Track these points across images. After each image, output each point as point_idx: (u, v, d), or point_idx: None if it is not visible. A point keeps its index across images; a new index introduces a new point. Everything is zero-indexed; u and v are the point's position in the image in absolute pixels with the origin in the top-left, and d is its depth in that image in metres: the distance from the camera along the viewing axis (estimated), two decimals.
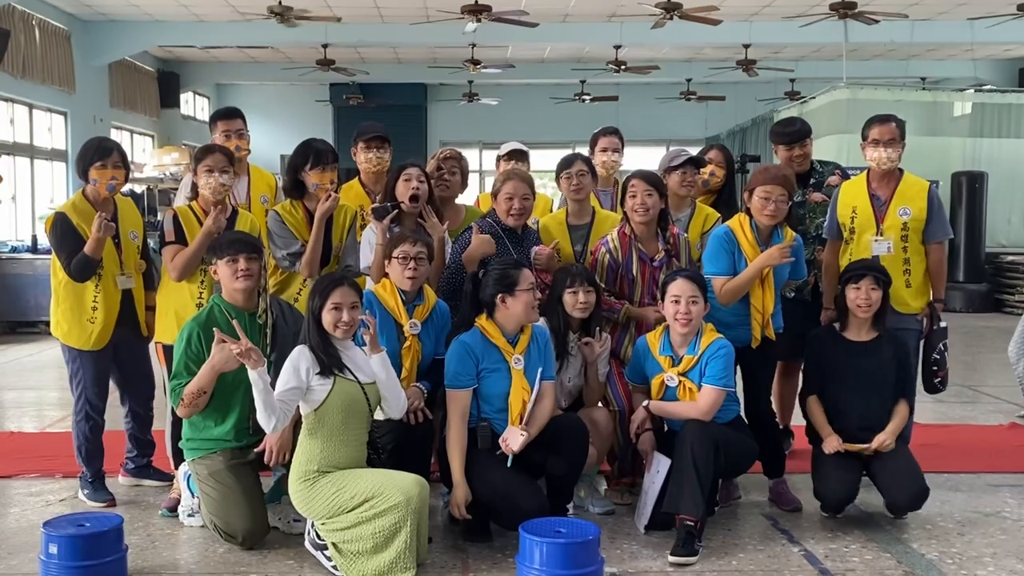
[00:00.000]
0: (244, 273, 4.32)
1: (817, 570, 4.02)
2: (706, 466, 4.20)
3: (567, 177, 5.03)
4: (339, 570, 3.92)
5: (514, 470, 4.15)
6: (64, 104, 15.58)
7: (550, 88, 22.88)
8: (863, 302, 4.63)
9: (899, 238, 5.00)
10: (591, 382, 4.66)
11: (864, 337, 4.72)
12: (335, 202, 4.85)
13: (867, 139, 5.04)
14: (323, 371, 4.01)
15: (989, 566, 4.08)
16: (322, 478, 3.96)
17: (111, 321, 4.84)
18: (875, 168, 5.05)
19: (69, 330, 4.86)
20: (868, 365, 4.65)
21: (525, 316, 4.33)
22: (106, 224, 4.66)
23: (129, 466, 5.17)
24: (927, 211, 5.01)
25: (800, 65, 20.56)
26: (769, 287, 4.68)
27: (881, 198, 5.05)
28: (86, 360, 4.88)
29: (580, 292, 4.54)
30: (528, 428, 4.19)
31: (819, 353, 4.80)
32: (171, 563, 4.16)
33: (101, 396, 4.97)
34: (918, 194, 5.04)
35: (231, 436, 4.36)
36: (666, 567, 4.04)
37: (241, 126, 5.36)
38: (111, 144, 4.92)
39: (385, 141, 5.38)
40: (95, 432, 4.99)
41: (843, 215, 5.11)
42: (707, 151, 5.58)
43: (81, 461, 5.00)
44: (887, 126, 5.01)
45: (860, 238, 5.04)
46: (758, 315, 4.69)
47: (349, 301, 4.04)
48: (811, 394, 4.77)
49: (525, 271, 4.35)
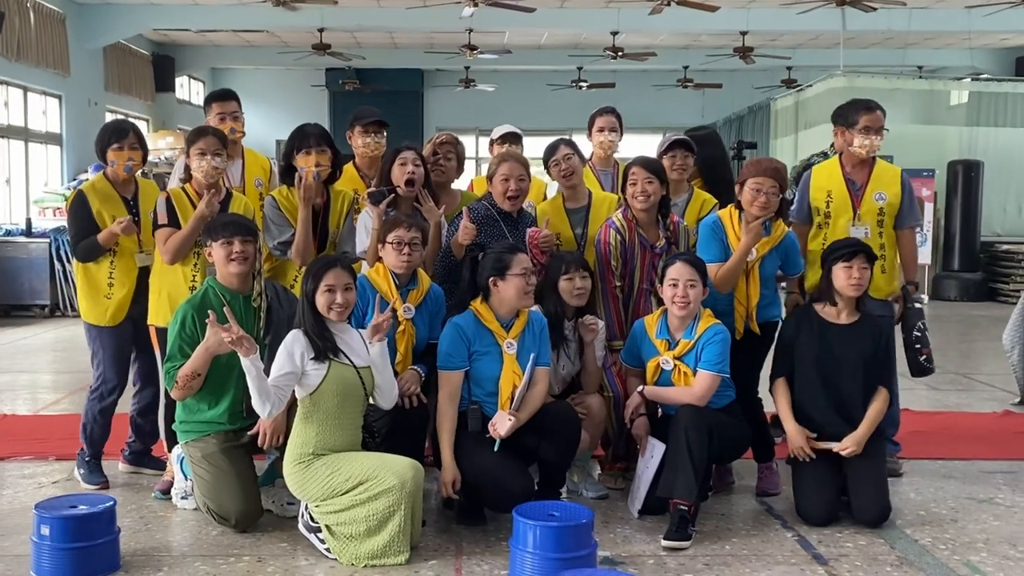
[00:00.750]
0: (239, 256, 4.30)
1: (810, 555, 4.02)
2: (700, 451, 4.20)
3: (555, 164, 5.00)
4: (332, 553, 3.92)
5: (503, 453, 4.15)
6: (59, 87, 15.49)
7: (547, 75, 22.83)
8: (856, 281, 4.50)
9: (875, 223, 5.04)
10: (589, 365, 4.65)
11: (846, 320, 4.60)
12: (311, 190, 4.73)
13: (856, 125, 5.03)
14: (318, 355, 4.00)
15: (982, 551, 4.09)
16: (317, 461, 3.96)
17: (127, 297, 4.88)
18: (862, 154, 5.05)
19: (88, 308, 4.92)
20: (850, 349, 4.54)
21: (517, 301, 4.32)
22: (129, 227, 4.75)
23: (127, 453, 5.15)
24: (900, 196, 5.04)
25: (797, 53, 20.52)
26: (754, 280, 4.66)
27: (857, 183, 5.07)
28: (104, 337, 4.91)
29: (576, 278, 4.53)
30: (518, 413, 4.18)
31: (796, 334, 4.65)
32: (164, 545, 4.15)
33: (120, 376, 4.99)
34: (892, 179, 5.09)
35: (225, 419, 4.35)
36: (659, 551, 4.04)
37: (236, 108, 5.33)
38: (127, 126, 4.97)
39: (383, 126, 5.34)
40: (104, 415, 4.99)
41: (817, 199, 5.10)
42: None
43: (84, 440, 5.00)
44: (876, 114, 5.05)
45: (836, 222, 5.04)
46: (741, 308, 4.68)
47: (343, 283, 4.02)
48: (780, 376, 4.63)
49: (519, 256, 4.34)
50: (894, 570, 3.86)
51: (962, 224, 14.59)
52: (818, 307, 4.66)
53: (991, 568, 3.90)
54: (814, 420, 4.54)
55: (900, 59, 20.64)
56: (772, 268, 4.77)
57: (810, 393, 4.57)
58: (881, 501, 4.35)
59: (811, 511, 4.37)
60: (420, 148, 5.05)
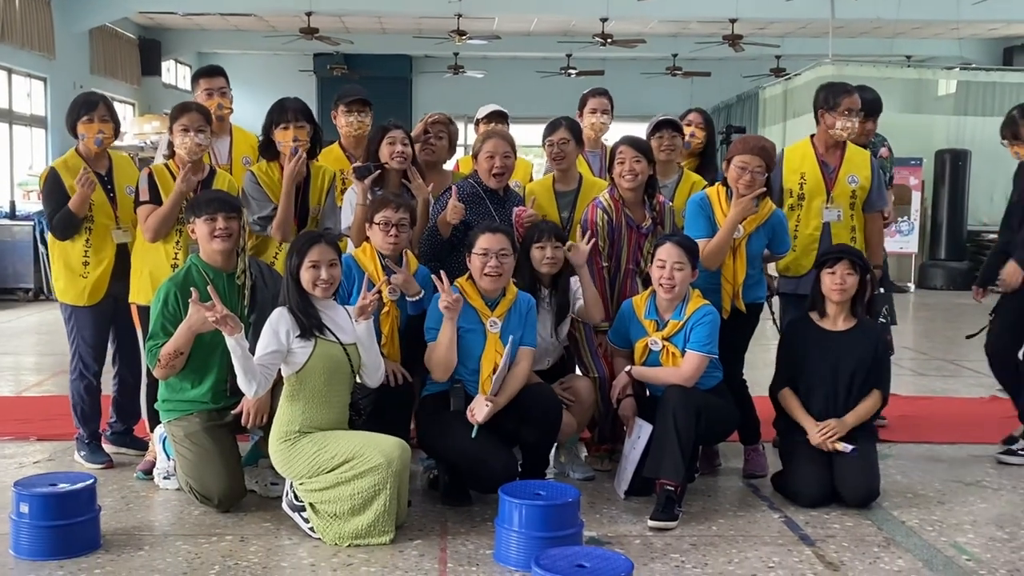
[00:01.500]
0: (222, 232, 4.25)
1: (797, 536, 4.00)
2: (688, 431, 4.17)
3: (549, 145, 4.96)
4: (316, 532, 3.88)
5: (485, 434, 4.11)
6: (44, 70, 15.37)
7: (536, 62, 22.75)
8: (838, 286, 4.50)
9: (847, 206, 5.05)
10: (587, 293, 4.56)
11: (841, 327, 4.59)
12: (301, 164, 4.70)
13: (837, 108, 5.02)
14: (303, 333, 3.95)
15: (969, 533, 4.08)
16: (303, 438, 3.91)
17: (105, 276, 4.79)
18: (843, 136, 5.05)
19: (64, 287, 4.83)
20: (843, 358, 4.52)
21: (477, 279, 4.26)
22: (87, 180, 4.59)
23: (108, 433, 5.10)
24: (871, 180, 5.07)
25: (786, 42, 20.51)
26: (741, 258, 4.63)
27: (830, 165, 5.08)
28: (80, 317, 4.83)
29: (548, 248, 4.49)
30: (496, 398, 4.13)
31: (793, 343, 4.68)
32: (145, 524, 4.11)
33: (96, 356, 4.91)
34: (863, 162, 5.12)
35: (208, 398, 4.30)
36: (646, 532, 4.01)
37: (223, 84, 5.26)
38: (97, 97, 4.86)
39: (366, 105, 5.29)
40: (90, 392, 4.93)
41: (790, 181, 5.09)
42: (686, 114, 5.52)
43: (77, 422, 4.94)
44: (855, 97, 5.07)
45: (810, 204, 5.04)
46: (728, 286, 4.65)
47: (327, 259, 3.97)
48: (783, 386, 4.63)
49: (486, 236, 4.26)
50: (881, 551, 3.84)
51: (949, 213, 14.62)
52: (814, 316, 4.66)
53: (978, 549, 3.89)
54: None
55: (888, 49, 20.63)
56: (759, 247, 4.74)
57: (808, 400, 4.55)
58: (869, 482, 4.34)
59: (802, 489, 4.35)
60: (409, 131, 5.00)
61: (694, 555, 3.78)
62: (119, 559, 3.68)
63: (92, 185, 4.64)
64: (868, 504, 4.33)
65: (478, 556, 3.73)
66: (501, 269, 4.26)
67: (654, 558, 3.73)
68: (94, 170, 4.75)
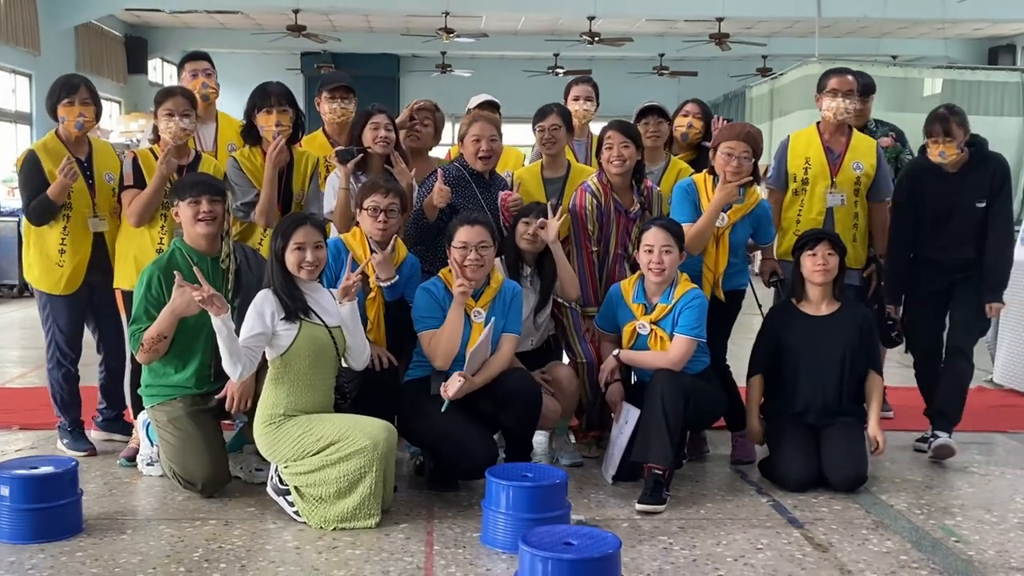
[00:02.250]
0: (206, 216, 4.20)
1: (786, 519, 3.98)
2: (676, 415, 4.15)
3: (540, 130, 4.93)
4: (301, 516, 3.84)
5: (466, 419, 4.08)
6: (29, 66, 15.28)
7: (523, 61, 22.75)
8: (820, 267, 4.48)
9: (852, 192, 5.04)
10: (561, 270, 4.55)
11: (824, 311, 4.57)
12: (284, 153, 4.65)
13: (824, 89, 5.06)
14: (288, 315, 3.91)
15: (957, 516, 4.07)
16: (288, 421, 3.87)
17: (82, 265, 4.71)
18: (831, 119, 5.06)
19: (40, 275, 4.74)
20: (833, 340, 4.50)
21: (458, 273, 4.19)
22: (71, 170, 4.52)
23: (99, 419, 5.05)
24: (876, 167, 5.06)
25: (773, 41, 20.56)
26: (724, 247, 4.62)
27: (835, 151, 5.07)
28: (56, 305, 4.76)
29: (532, 225, 4.48)
30: (473, 377, 4.09)
31: (775, 331, 4.64)
32: (128, 509, 4.07)
33: (72, 344, 4.85)
34: (869, 150, 5.10)
35: (192, 383, 4.25)
36: (633, 515, 3.99)
37: (208, 66, 5.22)
38: (78, 80, 4.79)
39: (350, 91, 5.25)
40: (68, 380, 4.86)
41: (795, 165, 5.09)
42: (683, 105, 5.49)
43: (57, 411, 4.88)
44: (845, 78, 5.06)
45: (814, 189, 5.04)
46: (709, 274, 4.64)
47: (312, 241, 3.94)
48: (757, 373, 4.63)
49: (464, 229, 4.21)
50: (870, 533, 3.82)
51: None
52: (796, 302, 4.64)
53: (966, 531, 3.88)
54: (796, 407, 4.53)
55: (875, 49, 20.69)
56: (743, 236, 4.73)
57: (797, 388, 4.54)
58: (857, 467, 4.32)
59: (789, 474, 4.33)
60: (394, 116, 4.97)
61: (682, 537, 3.75)
62: (101, 542, 3.64)
63: (75, 176, 4.56)
64: (856, 489, 4.32)
65: (465, 539, 3.70)
66: (482, 261, 4.21)
67: (642, 540, 3.71)
68: (74, 155, 4.65)
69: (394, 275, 4.35)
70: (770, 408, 4.67)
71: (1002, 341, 6.78)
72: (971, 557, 3.60)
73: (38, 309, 4.86)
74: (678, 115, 5.37)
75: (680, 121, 5.34)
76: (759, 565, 3.49)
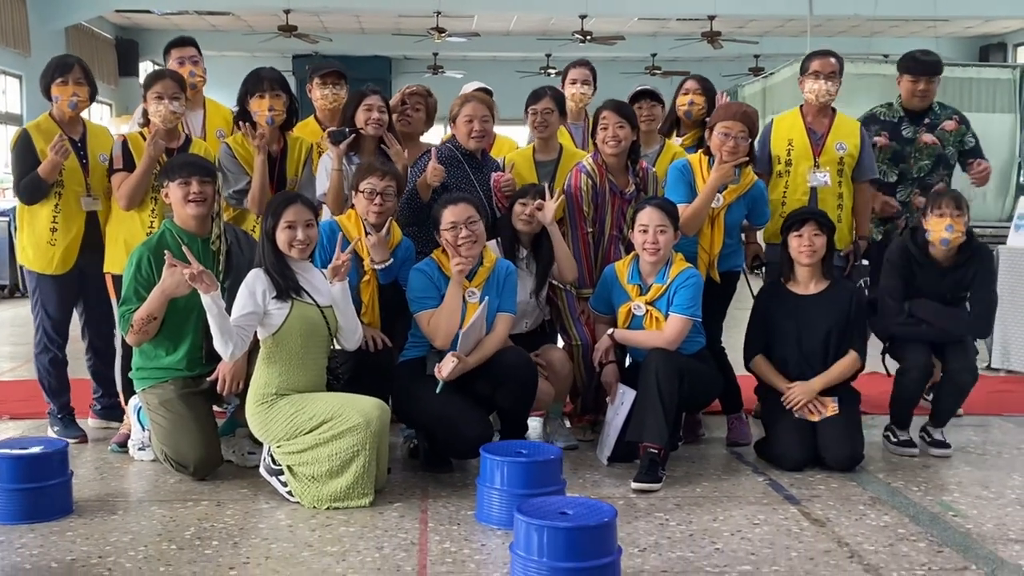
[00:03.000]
0: (196, 197, 4.17)
1: (782, 496, 3.96)
2: (671, 395, 4.12)
3: (532, 113, 4.90)
4: (295, 495, 3.81)
5: (461, 399, 4.05)
6: (19, 67, 15.24)
7: (516, 62, 22.72)
8: (806, 248, 4.44)
9: (835, 172, 5.04)
10: (558, 253, 4.54)
11: (812, 290, 4.54)
12: (265, 137, 4.62)
13: (807, 71, 5.06)
14: (280, 294, 3.88)
15: (955, 492, 4.05)
16: (280, 400, 3.84)
17: (75, 244, 4.67)
18: (813, 101, 5.07)
19: (33, 255, 4.71)
20: (820, 319, 4.46)
21: (453, 253, 4.16)
22: (62, 147, 4.49)
23: (97, 407, 5.00)
24: (860, 148, 5.05)
25: (765, 40, 20.57)
26: (719, 227, 4.60)
27: (818, 132, 5.08)
28: (46, 286, 4.71)
29: (529, 206, 4.46)
30: (466, 358, 4.05)
31: (764, 309, 4.62)
32: (120, 492, 4.03)
33: (60, 330, 4.81)
34: (852, 131, 5.11)
35: (183, 365, 4.22)
36: (629, 494, 3.96)
37: (195, 53, 5.19)
38: (72, 60, 4.75)
39: (341, 77, 5.22)
40: (56, 365, 4.82)
41: (778, 147, 5.09)
42: (683, 83, 5.44)
43: (47, 397, 4.85)
44: (827, 60, 5.06)
45: (797, 170, 5.04)
46: (704, 255, 4.62)
47: (303, 219, 3.91)
48: (756, 353, 4.57)
49: (449, 209, 4.17)
50: (867, 508, 3.80)
51: None
52: (784, 282, 4.62)
53: (964, 507, 3.86)
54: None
55: (867, 47, 20.70)
56: (738, 217, 4.71)
57: (782, 367, 4.51)
58: (853, 446, 4.29)
59: (785, 453, 4.30)
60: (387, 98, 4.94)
61: (678, 514, 3.73)
62: (92, 523, 3.60)
63: (66, 153, 4.53)
64: (852, 468, 4.29)
65: (459, 516, 3.68)
66: (474, 236, 4.18)
67: (638, 517, 3.68)
68: (68, 135, 4.62)
69: (389, 258, 4.32)
70: (764, 390, 4.64)
71: (999, 325, 6.76)
72: (969, 530, 3.58)
73: (28, 290, 4.82)
74: (678, 94, 5.34)
75: (681, 100, 5.31)
76: (756, 539, 3.46)
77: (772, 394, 4.54)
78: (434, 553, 3.30)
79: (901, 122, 5.38)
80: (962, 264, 4.60)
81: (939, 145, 5.36)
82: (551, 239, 4.53)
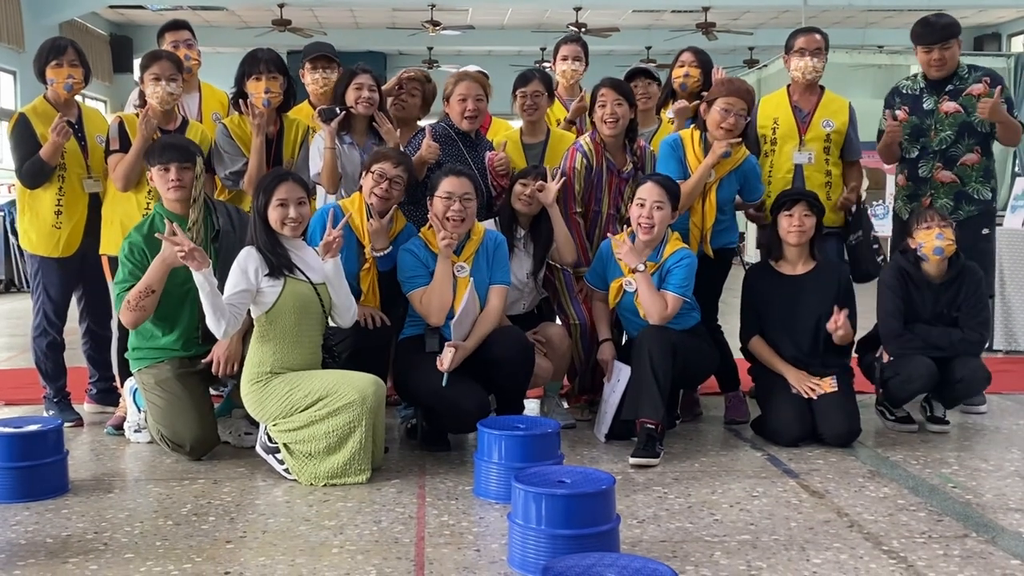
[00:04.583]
0: (175, 184, 4.15)
1: (781, 470, 3.95)
2: (664, 369, 4.11)
3: (522, 96, 4.88)
4: (291, 473, 3.79)
5: (458, 373, 4.02)
6: (13, 63, 15.20)
7: (511, 57, 22.66)
8: (796, 228, 4.43)
9: (821, 150, 4.97)
10: (558, 235, 4.52)
11: (800, 270, 4.54)
12: (262, 117, 4.59)
13: (792, 49, 5.01)
14: (272, 272, 3.85)
15: (954, 465, 4.04)
16: (275, 379, 3.82)
17: (79, 226, 4.66)
18: (799, 79, 5.01)
19: (37, 239, 4.68)
20: (809, 299, 4.46)
21: (440, 224, 4.13)
22: (63, 128, 4.46)
23: (92, 392, 4.98)
24: (848, 124, 5.00)
25: (759, 33, 20.55)
26: (711, 202, 4.58)
27: (804, 110, 5.02)
28: (49, 269, 4.69)
29: (529, 187, 4.44)
30: (465, 342, 4.05)
31: (755, 291, 4.62)
32: (115, 472, 4.02)
33: (60, 313, 4.79)
34: (840, 108, 5.04)
35: (179, 345, 4.20)
36: (627, 469, 3.95)
37: (189, 36, 5.17)
38: (66, 42, 4.73)
39: (332, 61, 5.19)
40: (53, 349, 4.80)
41: (763, 126, 5.04)
42: (679, 55, 5.41)
43: (43, 381, 4.83)
44: (812, 36, 5.00)
45: (781, 148, 4.99)
46: (696, 230, 4.60)
47: (295, 197, 3.88)
48: (752, 335, 4.58)
49: (450, 179, 4.16)
50: (867, 481, 3.79)
51: None
52: (773, 263, 4.60)
53: (963, 479, 3.85)
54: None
55: (861, 39, 20.67)
56: (730, 192, 4.68)
57: (773, 344, 4.51)
58: (850, 421, 4.28)
59: (782, 428, 4.29)
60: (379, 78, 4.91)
61: (676, 487, 3.71)
62: (87, 501, 3.58)
63: (67, 134, 4.51)
64: (850, 444, 4.28)
65: (457, 492, 3.66)
66: (464, 213, 4.16)
67: (636, 490, 3.67)
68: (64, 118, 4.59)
69: (388, 246, 4.30)
70: (758, 369, 4.63)
71: (1000, 306, 6.77)
72: (969, 500, 3.57)
73: (29, 277, 4.80)
74: (674, 66, 5.31)
75: (676, 72, 5.27)
76: (755, 511, 3.45)
77: (767, 372, 4.53)
78: (432, 526, 3.29)
79: (922, 93, 5.13)
80: (954, 279, 4.59)
81: (963, 112, 5.00)
82: (551, 220, 4.51)
